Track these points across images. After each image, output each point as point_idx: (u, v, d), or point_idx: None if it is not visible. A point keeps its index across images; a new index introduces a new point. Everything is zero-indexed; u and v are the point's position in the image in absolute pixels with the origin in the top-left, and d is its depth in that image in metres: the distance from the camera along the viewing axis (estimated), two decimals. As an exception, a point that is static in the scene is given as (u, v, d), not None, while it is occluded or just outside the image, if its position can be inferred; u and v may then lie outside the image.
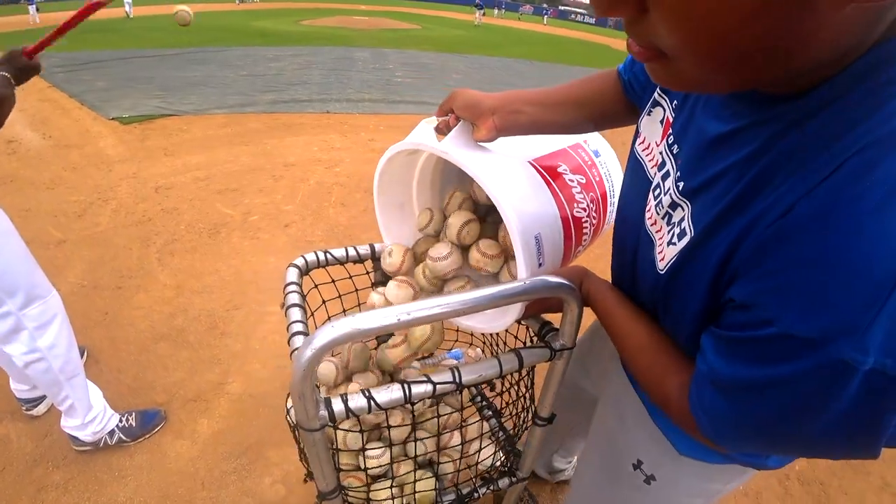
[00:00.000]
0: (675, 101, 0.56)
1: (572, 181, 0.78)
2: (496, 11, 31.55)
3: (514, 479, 1.03)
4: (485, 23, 17.45)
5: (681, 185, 0.48)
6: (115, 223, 2.83)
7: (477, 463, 0.91)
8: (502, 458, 0.98)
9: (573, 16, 42.84)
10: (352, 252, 0.99)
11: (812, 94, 0.36)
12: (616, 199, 0.84)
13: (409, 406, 0.68)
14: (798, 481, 1.65)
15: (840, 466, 1.70)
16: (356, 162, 3.99)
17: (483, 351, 1.25)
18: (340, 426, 0.72)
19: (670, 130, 0.54)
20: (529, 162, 0.76)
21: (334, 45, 9.19)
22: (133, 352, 1.96)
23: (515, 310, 0.75)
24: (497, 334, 1.03)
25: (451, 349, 1.35)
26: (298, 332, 0.73)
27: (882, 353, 0.31)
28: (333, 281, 1.01)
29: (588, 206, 0.78)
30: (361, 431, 0.73)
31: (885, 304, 0.30)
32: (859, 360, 0.32)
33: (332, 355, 0.98)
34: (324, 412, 0.59)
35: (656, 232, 0.54)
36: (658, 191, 0.54)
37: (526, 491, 1.29)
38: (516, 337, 0.97)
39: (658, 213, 0.53)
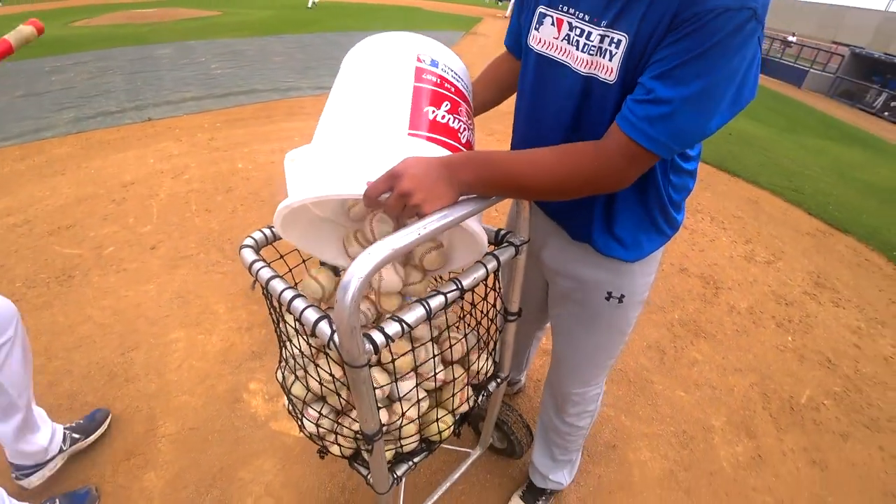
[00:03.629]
0: (561, 4, 0.78)
1: (445, 117, 0.78)
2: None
3: (498, 381, 1.17)
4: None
5: (603, 23, 0.71)
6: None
7: (478, 372, 1.02)
8: (490, 365, 1.10)
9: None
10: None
11: None
12: (463, 83, 0.88)
13: (429, 323, 0.74)
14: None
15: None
16: (203, 165, 3.62)
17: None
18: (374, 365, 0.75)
19: (573, 11, 0.76)
20: (409, 134, 0.74)
21: (125, 45, 7.80)
22: (18, 435, 1.62)
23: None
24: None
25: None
26: (296, 297, 0.73)
27: (759, 4, 0.59)
28: (282, 256, 0.99)
29: (464, 121, 0.82)
30: (393, 361, 0.77)
31: None
32: (757, 9, 0.59)
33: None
34: (369, 346, 0.63)
35: (594, 68, 0.74)
36: (580, 48, 0.76)
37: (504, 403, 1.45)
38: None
39: (586, 55, 0.75)
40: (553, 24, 0.80)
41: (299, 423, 0.97)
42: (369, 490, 1.50)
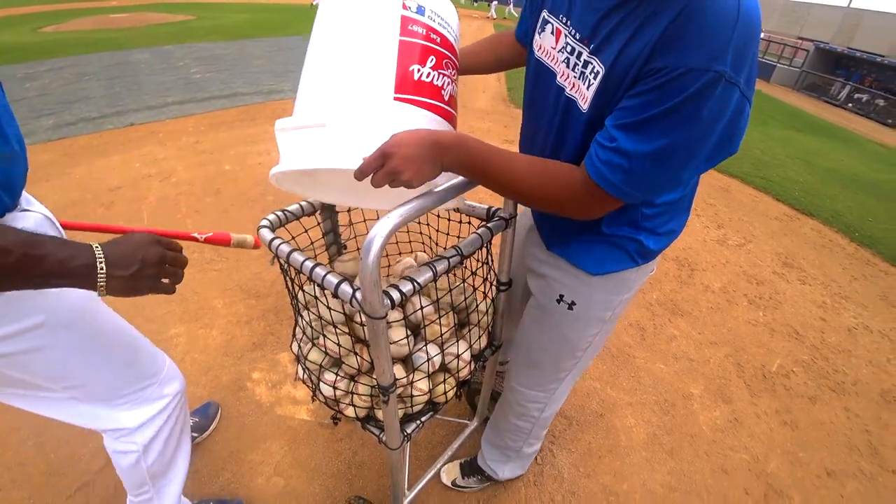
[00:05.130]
0: (561, 15, 0.78)
1: (430, 75, 0.78)
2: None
3: (493, 348, 1.27)
4: (274, 2, 16.32)
5: (590, 46, 0.71)
6: None
7: (479, 337, 1.11)
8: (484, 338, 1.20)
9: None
10: (307, 206, 1.07)
11: None
12: (449, 29, 0.87)
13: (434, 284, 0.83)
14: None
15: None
16: (191, 167, 3.64)
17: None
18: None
19: (569, 24, 0.76)
20: (395, 99, 0.75)
21: (100, 50, 7.68)
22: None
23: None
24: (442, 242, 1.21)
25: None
26: (316, 266, 0.81)
27: (730, 67, 0.57)
28: (294, 238, 1.08)
29: (447, 74, 0.83)
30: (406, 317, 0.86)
31: (731, 39, 0.57)
32: (725, 72, 0.57)
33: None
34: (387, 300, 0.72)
35: (575, 91, 0.76)
36: (569, 66, 0.76)
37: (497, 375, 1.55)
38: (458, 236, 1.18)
39: (575, 77, 0.75)
40: (552, 32, 0.81)
41: (314, 390, 1.06)
42: (374, 464, 1.60)
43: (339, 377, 0.97)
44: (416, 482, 1.42)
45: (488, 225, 0.95)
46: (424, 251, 1.32)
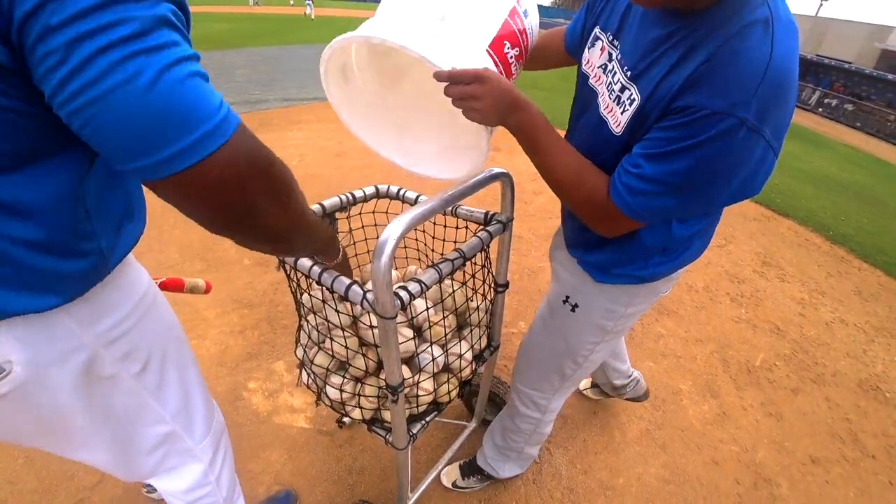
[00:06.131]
0: (610, 34, 0.83)
1: (511, 58, 0.85)
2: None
3: (492, 349, 1.30)
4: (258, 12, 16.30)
5: (628, 73, 0.74)
6: None
7: (480, 338, 1.15)
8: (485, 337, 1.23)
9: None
10: (358, 193, 1.13)
11: (707, 10, 0.65)
12: (530, 45, 0.93)
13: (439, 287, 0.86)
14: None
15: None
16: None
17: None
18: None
19: (616, 45, 0.80)
20: (486, 50, 0.81)
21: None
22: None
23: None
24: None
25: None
26: (325, 270, 0.84)
27: (753, 116, 0.59)
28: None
29: (517, 68, 0.90)
30: (412, 320, 0.89)
31: (758, 88, 0.58)
32: (748, 120, 0.58)
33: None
34: (396, 301, 0.75)
35: (609, 112, 0.79)
36: (607, 86, 0.80)
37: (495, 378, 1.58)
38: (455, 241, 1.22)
39: (610, 99, 0.78)
40: (600, 49, 0.85)
41: (319, 394, 1.07)
42: (375, 469, 1.62)
43: (345, 379, 1.00)
44: (418, 485, 1.44)
45: (488, 229, 0.99)
46: (418, 265, 1.36)
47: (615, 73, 0.78)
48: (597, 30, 0.87)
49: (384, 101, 1.01)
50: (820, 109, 12.90)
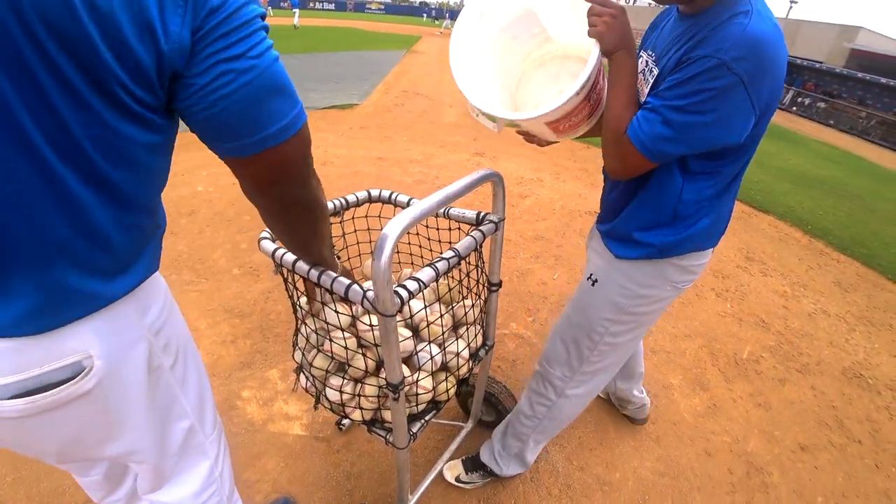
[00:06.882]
0: (650, 49, 1.03)
1: (599, 91, 1.00)
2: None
3: (486, 348, 1.32)
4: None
5: (654, 58, 0.98)
6: None
7: (476, 336, 1.16)
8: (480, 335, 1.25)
9: (313, 4, 41.98)
10: (351, 198, 1.15)
11: (707, 10, 0.88)
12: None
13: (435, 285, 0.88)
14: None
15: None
16: (173, 186, 3.59)
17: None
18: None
19: (652, 53, 1.01)
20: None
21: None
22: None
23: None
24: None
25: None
26: (323, 272, 0.85)
27: (730, 59, 0.78)
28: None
29: (592, 107, 1.02)
30: (412, 317, 0.91)
31: (735, 41, 0.79)
32: (726, 61, 0.78)
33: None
34: (396, 298, 0.77)
35: (641, 93, 1.00)
36: (641, 74, 1.01)
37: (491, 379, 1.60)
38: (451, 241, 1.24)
39: (643, 81, 1.01)
40: (643, 63, 1.05)
41: (318, 396, 1.08)
42: (373, 473, 1.62)
43: (345, 380, 1.00)
44: (418, 486, 1.44)
45: (480, 228, 1.01)
46: (412, 269, 1.37)
47: (647, 63, 1.01)
48: (642, 51, 1.07)
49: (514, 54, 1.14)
50: (794, 108, 13.26)
